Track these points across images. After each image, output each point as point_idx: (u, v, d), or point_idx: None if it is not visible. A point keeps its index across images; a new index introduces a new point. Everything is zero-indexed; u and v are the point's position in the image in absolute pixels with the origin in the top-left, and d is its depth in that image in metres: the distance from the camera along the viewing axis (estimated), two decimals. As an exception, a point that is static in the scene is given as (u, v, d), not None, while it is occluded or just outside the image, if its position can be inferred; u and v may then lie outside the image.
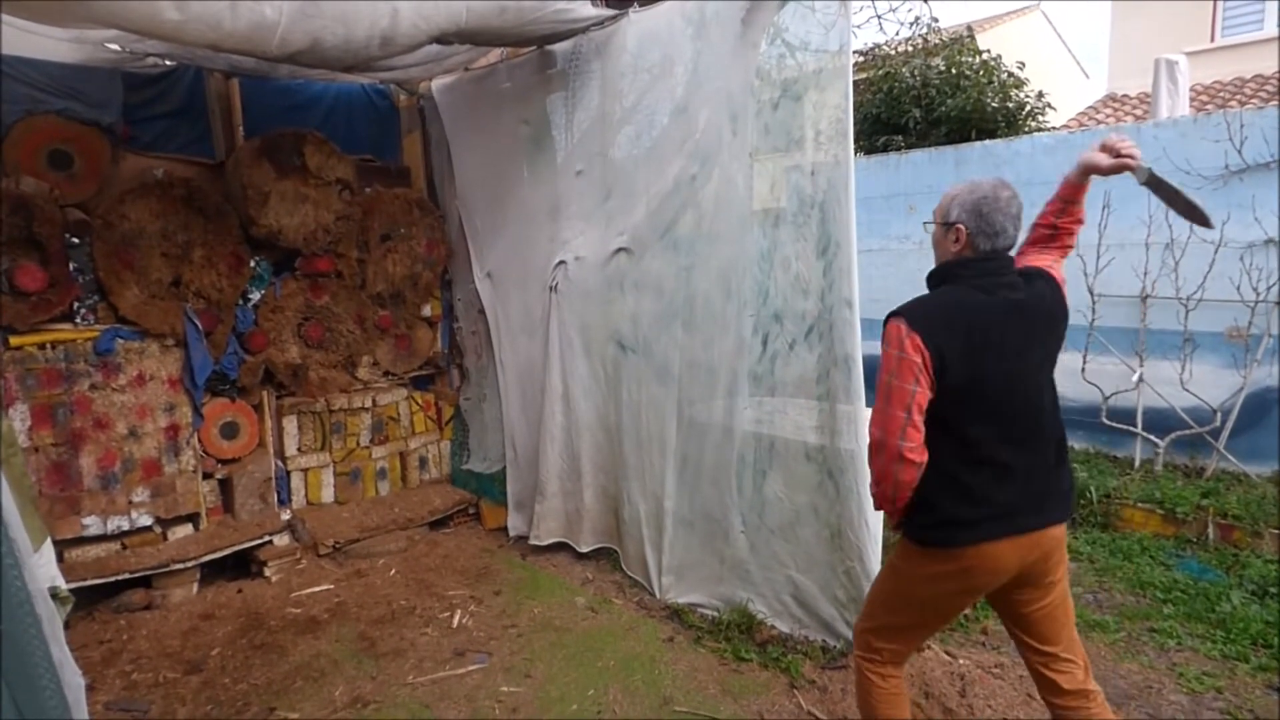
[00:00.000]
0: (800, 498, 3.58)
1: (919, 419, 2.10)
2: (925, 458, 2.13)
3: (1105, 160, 2.30)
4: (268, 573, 4.51)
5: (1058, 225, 2.42)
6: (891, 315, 2.18)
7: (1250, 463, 5.17)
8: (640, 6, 4.12)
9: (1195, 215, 2.36)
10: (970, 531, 2.16)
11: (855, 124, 3.39)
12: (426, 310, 5.66)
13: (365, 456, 5.39)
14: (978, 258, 2.22)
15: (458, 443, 5.84)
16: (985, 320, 2.15)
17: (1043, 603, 2.29)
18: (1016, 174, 6.28)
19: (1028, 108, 10.26)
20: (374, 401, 5.40)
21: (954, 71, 10.16)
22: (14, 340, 3.95)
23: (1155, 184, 2.33)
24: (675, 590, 4.09)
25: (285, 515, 4.89)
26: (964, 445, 2.16)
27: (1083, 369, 5.71)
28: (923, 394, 2.09)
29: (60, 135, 4.11)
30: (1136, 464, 5.59)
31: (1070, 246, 2.45)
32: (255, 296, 4.82)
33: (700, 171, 3.87)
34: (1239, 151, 5.21)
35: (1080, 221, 2.43)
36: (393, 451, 5.55)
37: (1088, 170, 2.35)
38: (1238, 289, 5.16)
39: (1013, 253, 2.29)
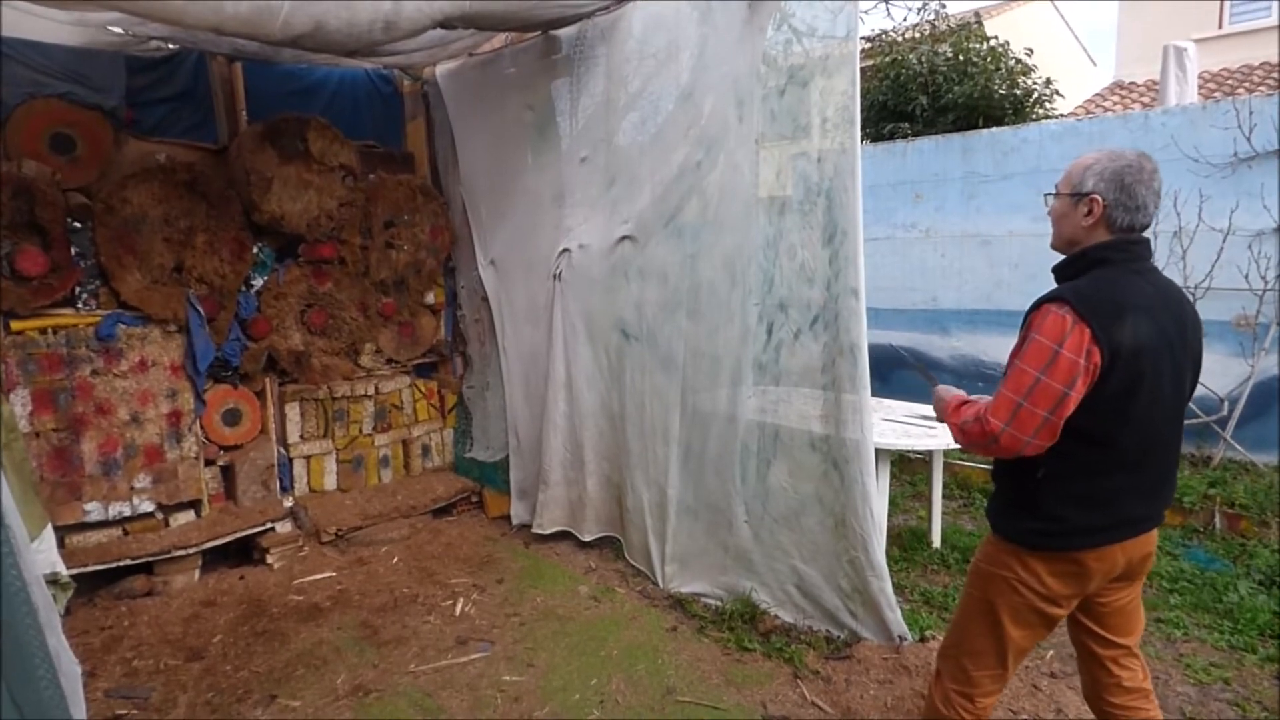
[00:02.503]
0: (805, 487, 3.56)
1: (1058, 422, 1.89)
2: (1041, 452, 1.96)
3: None
4: (270, 560, 4.51)
5: None
6: (1050, 299, 1.92)
7: (1257, 452, 5.15)
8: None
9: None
10: (1094, 537, 2.02)
11: (862, 111, 3.35)
12: (430, 298, 5.64)
13: (368, 444, 5.38)
14: (1128, 240, 1.99)
15: (461, 430, 5.83)
16: (1152, 314, 1.92)
17: (1129, 595, 2.19)
18: (1024, 162, 6.24)
19: (1035, 95, 10.19)
20: (377, 389, 5.39)
21: (961, 58, 10.09)
22: (15, 325, 3.94)
23: None
24: (678, 579, 4.09)
25: (287, 502, 4.89)
26: (1104, 455, 1.98)
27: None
28: (1075, 399, 1.87)
29: (63, 119, 4.09)
30: (1142, 454, 5.56)
31: None
32: (258, 283, 4.81)
33: (705, 158, 3.83)
34: (1248, 139, 5.17)
35: None
36: (395, 439, 5.54)
37: None
38: (1245, 277, 5.14)
39: None
